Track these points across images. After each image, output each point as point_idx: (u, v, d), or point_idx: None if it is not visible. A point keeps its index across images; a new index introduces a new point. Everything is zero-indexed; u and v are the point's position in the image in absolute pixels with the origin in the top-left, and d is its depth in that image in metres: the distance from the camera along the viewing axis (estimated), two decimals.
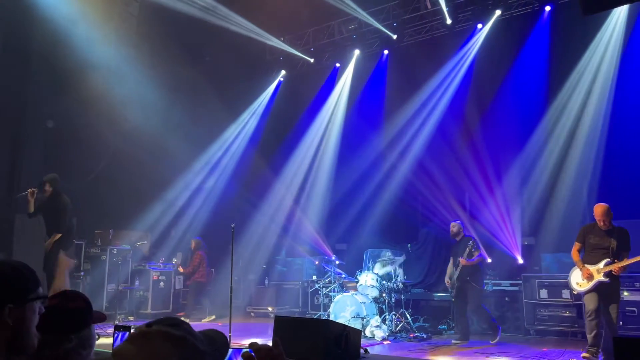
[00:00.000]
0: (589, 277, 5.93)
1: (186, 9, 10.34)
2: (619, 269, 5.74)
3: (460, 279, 7.72)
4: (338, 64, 12.33)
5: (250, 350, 1.22)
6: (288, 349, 1.22)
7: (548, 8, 9.52)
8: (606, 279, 5.81)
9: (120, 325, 2.69)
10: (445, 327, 8.82)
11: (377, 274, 8.86)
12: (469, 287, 7.67)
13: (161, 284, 10.65)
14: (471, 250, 7.58)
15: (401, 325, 8.33)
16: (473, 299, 7.68)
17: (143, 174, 10.56)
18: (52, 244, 7.24)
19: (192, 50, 11.73)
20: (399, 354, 6.78)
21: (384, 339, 7.84)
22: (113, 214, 10.84)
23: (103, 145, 10.64)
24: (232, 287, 7.09)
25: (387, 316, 8.38)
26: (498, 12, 9.94)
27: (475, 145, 9.97)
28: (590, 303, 5.91)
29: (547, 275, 8.29)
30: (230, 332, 6.68)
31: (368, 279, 8.72)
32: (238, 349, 2.10)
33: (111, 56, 10.14)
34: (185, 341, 1.17)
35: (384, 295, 8.59)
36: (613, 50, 8.97)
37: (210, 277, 12.11)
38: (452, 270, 7.94)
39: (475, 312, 7.81)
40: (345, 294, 8.58)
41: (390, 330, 8.17)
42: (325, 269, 10.00)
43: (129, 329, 2.67)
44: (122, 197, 10.71)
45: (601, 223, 5.99)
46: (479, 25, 10.25)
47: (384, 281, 8.75)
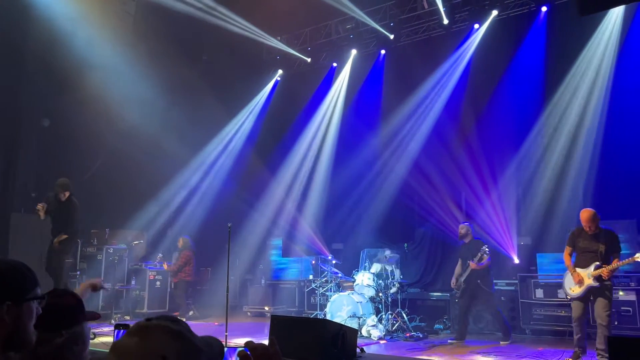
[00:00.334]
0: (580, 282, 6.03)
1: (183, 8, 10.33)
2: (608, 272, 5.79)
3: (469, 281, 7.70)
4: (335, 64, 12.33)
5: (246, 349, 1.22)
6: (284, 349, 1.22)
7: (544, 8, 9.54)
8: (596, 284, 5.88)
9: (121, 323, 2.69)
10: (441, 327, 8.84)
11: (374, 273, 8.87)
12: (480, 291, 7.67)
13: (157, 283, 10.64)
14: (483, 255, 7.58)
15: (397, 324, 8.34)
16: (488, 302, 7.73)
17: (139, 173, 10.54)
18: (59, 243, 7.37)
19: (189, 49, 11.73)
20: (395, 353, 6.80)
21: (380, 338, 7.85)
22: (109, 213, 10.82)
23: (99, 144, 10.63)
24: (229, 287, 7.08)
25: (384, 315, 8.39)
26: (495, 13, 9.95)
27: (471, 145, 9.98)
28: (576, 311, 6.08)
29: (543, 275, 8.31)
30: (227, 332, 6.67)
31: (364, 278, 8.73)
32: (233, 348, 2.09)
33: (108, 55, 10.11)
34: (184, 336, 1.18)
35: (381, 294, 8.61)
36: (609, 50, 9.00)
37: (206, 277, 12.10)
38: (460, 272, 7.94)
39: (492, 315, 7.90)
40: (341, 293, 8.59)
41: (387, 329, 8.18)
42: (321, 268, 10.00)
43: (128, 327, 2.68)
44: (119, 197, 10.70)
45: (587, 228, 6.07)
46: (476, 25, 10.26)
47: (381, 280, 8.76)
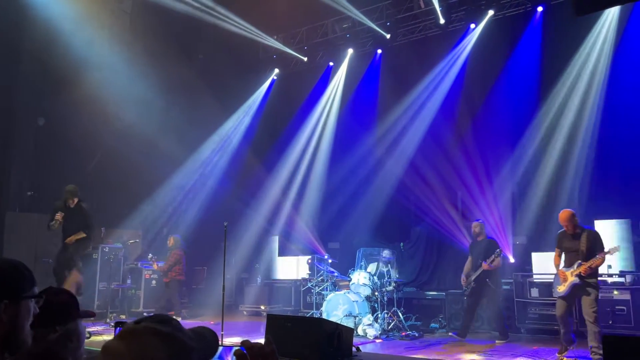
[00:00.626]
0: (565, 280, 6.20)
1: (179, 6, 10.31)
2: (585, 269, 5.99)
3: (479, 280, 7.72)
4: (331, 63, 12.34)
5: (242, 348, 1.22)
6: (280, 348, 1.22)
7: (540, 9, 9.57)
8: (578, 281, 6.06)
9: (121, 321, 2.70)
10: (437, 326, 8.86)
11: (370, 272, 8.88)
12: (487, 288, 7.69)
13: (153, 282, 10.62)
14: (496, 257, 7.59)
15: (393, 323, 8.35)
16: (493, 300, 7.74)
17: (136, 172, 10.51)
18: (75, 241, 7.45)
19: (186, 48, 11.71)
20: (391, 352, 6.81)
21: (376, 337, 7.86)
22: (105, 212, 10.79)
23: (95, 143, 10.59)
24: (225, 286, 7.08)
25: (380, 315, 8.41)
26: (491, 12, 9.98)
27: (467, 144, 10.01)
28: (559, 309, 6.27)
29: (538, 274, 8.35)
30: (223, 331, 6.67)
31: (361, 277, 8.73)
32: (228, 347, 2.10)
33: (104, 54, 10.09)
34: (174, 337, 1.18)
35: (377, 293, 8.62)
36: (605, 50, 9.03)
37: (202, 276, 12.08)
38: (470, 269, 7.95)
39: (494, 313, 7.89)
40: (337, 292, 8.60)
41: (383, 328, 8.19)
42: (318, 267, 10.01)
43: (124, 325, 2.69)
44: (115, 195, 10.68)
45: (565, 228, 6.30)
46: (472, 25, 10.28)
47: (377, 279, 8.77)
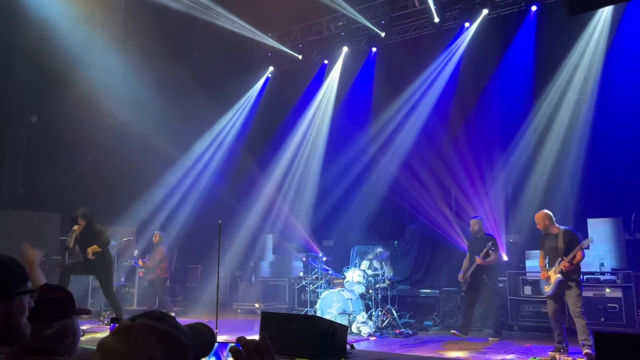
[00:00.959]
0: (549, 279, 6.50)
1: (174, 3, 10.27)
2: (566, 265, 6.27)
3: (475, 276, 7.72)
4: (326, 61, 12.33)
5: (237, 344, 1.23)
6: (275, 345, 1.23)
7: (534, 8, 9.61)
8: (561, 277, 6.35)
9: (117, 318, 2.70)
10: (430, 323, 8.91)
11: (364, 270, 8.91)
12: (484, 286, 7.70)
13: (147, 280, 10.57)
14: (489, 251, 7.59)
15: (387, 321, 8.38)
16: (489, 297, 7.76)
17: (129, 170, 10.48)
18: (93, 254, 7.60)
19: (180, 46, 11.66)
20: (385, 349, 6.84)
21: (370, 335, 7.89)
22: (99, 210, 10.73)
23: (89, 140, 10.54)
24: (219, 284, 7.08)
25: (374, 312, 8.44)
26: (485, 12, 10.01)
27: (461, 143, 10.04)
28: (550, 307, 6.54)
29: (531, 272, 8.39)
30: (217, 329, 6.67)
31: (355, 275, 8.76)
32: (224, 344, 2.10)
33: (97, 51, 10.04)
34: (170, 334, 1.18)
35: (371, 291, 8.64)
36: (598, 50, 9.09)
37: (197, 274, 12.06)
38: (467, 266, 7.96)
39: (488, 310, 7.94)
40: (332, 290, 8.62)
41: (377, 326, 8.22)
42: (312, 265, 10.02)
43: (118, 321, 2.69)
44: (108, 193, 10.63)
45: (539, 227, 6.69)
46: (466, 24, 10.31)
47: (371, 277, 8.80)
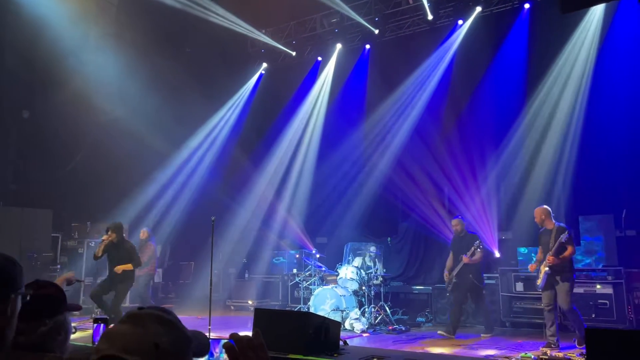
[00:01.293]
0: (540, 273, 6.71)
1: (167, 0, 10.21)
2: (552, 258, 6.49)
3: (461, 275, 7.69)
4: (320, 58, 12.31)
5: (231, 340, 1.23)
6: (267, 341, 1.23)
7: (527, 5, 9.64)
8: (549, 271, 6.57)
9: (100, 317, 2.69)
10: (423, 320, 8.94)
11: (357, 267, 8.92)
12: (471, 286, 7.68)
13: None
14: (476, 250, 7.59)
15: (380, 317, 8.42)
16: (478, 295, 7.77)
17: (122, 166, 10.43)
18: (122, 271, 7.61)
19: (173, 42, 11.61)
20: (378, 346, 6.86)
21: (363, 331, 7.92)
22: (91, 207, 10.70)
23: (81, 136, 10.48)
24: (212, 281, 7.08)
25: (367, 309, 8.46)
26: (478, 9, 10.04)
27: (453, 141, 10.08)
28: (544, 298, 6.71)
29: (523, 268, 8.44)
30: (210, 325, 6.68)
31: (348, 272, 8.78)
32: (216, 340, 2.10)
33: (89, 47, 9.97)
34: (175, 325, 1.20)
35: (364, 288, 8.67)
36: (589, 48, 9.14)
37: (190, 271, 12.04)
38: (451, 265, 7.93)
39: (479, 307, 7.95)
40: (325, 287, 8.63)
41: (370, 322, 8.25)
42: (305, 262, 10.03)
43: (106, 321, 2.69)
44: (101, 190, 10.58)
45: (537, 221, 6.95)
46: (460, 21, 10.34)
47: (364, 274, 8.82)
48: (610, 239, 8.15)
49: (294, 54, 12.34)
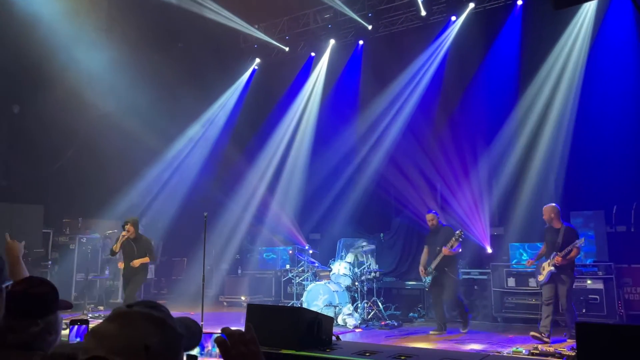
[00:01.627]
0: (543, 269, 6.90)
1: None
2: (560, 259, 6.66)
3: (438, 268, 7.61)
4: (313, 54, 12.28)
5: (222, 334, 1.23)
6: (260, 337, 1.23)
7: (520, 2, 9.67)
8: (553, 269, 6.74)
9: (77, 319, 2.59)
10: (415, 315, 8.98)
11: (350, 262, 8.94)
12: (445, 277, 7.58)
13: None
14: (455, 241, 7.49)
15: (373, 313, 8.44)
16: (450, 288, 7.61)
17: (114, 162, 10.37)
18: (139, 264, 7.67)
19: (165, 37, 11.52)
20: (371, 341, 6.88)
21: (356, 326, 7.94)
22: (82, 203, 10.64)
23: (72, 131, 10.39)
24: (205, 277, 7.06)
25: (359, 304, 8.48)
26: (471, 5, 10.04)
27: (446, 137, 10.10)
28: (546, 292, 6.87)
29: (515, 264, 8.51)
30: (202, 321, 6.66)
31: (341, 267, 8.79)
32: (208, 334, 2.09)
33: (81, 40, 9.86)
34: (165, 323, 1.18)
35: (357, 283, 8.68)
36: (581, 44, 9.18)
37: (182, 267, 12.01)
38: (426, 260, 7.87)
39: (451, 301, 7.74)
40: (318, 282, 8.64)
41: (362, 318, 8.28)
42: (298, 258, 10.03)
43: (86, 322, 2.62)
44: (92, 185, 10.51)
45: (545, 218, 7.04)
46: (453, 17, 10.34)
47: (357, 270, 8.83)
48: (601, 234, 8.22)
49: (287, 49, 12.29)
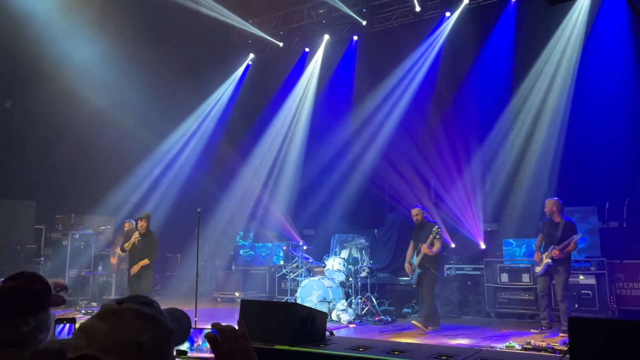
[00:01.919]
0: (540, 262, 7.06)
1: None
2: (557, 252, 6.82)
3: (421, 265, 7.48)
4: (307, 49, 12.25)
5: (213, 330, 1.21)
6: (254, 332, 1.21)
7: None
8: (551, 262, 6.91)
9: (63, 318, 2.51)
10: (409, 311, 8.99)
11: (344, 258, 8.94)
12: (427, 273, 7.42)
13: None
14: (434, 239, 7.34)
15: (367, 308, 8.45)
16: (428, 284, 7.43)
17: (106, 157, 10.31)
18: (140, 267, 7.61)
19: (159, 31, 11.44)
20: (364, 336, 6.88)
21: (349, 322, 7.94)
22: (75, 198, 10.57)
23: (64, 127, 10.32)
24: (198, 272, 7.04)
25: (353, 300, 8.49)
26: (466, 1, 10.05)
27: (440, 133, 10.11)
28: (540, 284, 7.13)
29: (508, 260, 8.54)
30: (196, 317, 6.64)
31: (335, 263, 8.78)
32: (198, 330, 2.07)
33: (73, 36, 9.77)
34: (156, 319, 1.16)
35: (350, 279, 8.69)
36: (575, 41, 9.20)
37: (176, 263, 11.98)
38: (412, 255, 7.77)
39: (426, 297, 7.50)
40: (312, 278, 8.64)
41: (356, 313, 8.28)
42: (292, 254, 10.02)
43: (73, 321, 2.55)
44: (85, 181, 10.46)
45: (546, 211, 7.15)
46: (447, 13, 10.34)
47: (351, 265, 8.83)
48: (594, 230, 8.26)
49: (281, 44, 12.25)
